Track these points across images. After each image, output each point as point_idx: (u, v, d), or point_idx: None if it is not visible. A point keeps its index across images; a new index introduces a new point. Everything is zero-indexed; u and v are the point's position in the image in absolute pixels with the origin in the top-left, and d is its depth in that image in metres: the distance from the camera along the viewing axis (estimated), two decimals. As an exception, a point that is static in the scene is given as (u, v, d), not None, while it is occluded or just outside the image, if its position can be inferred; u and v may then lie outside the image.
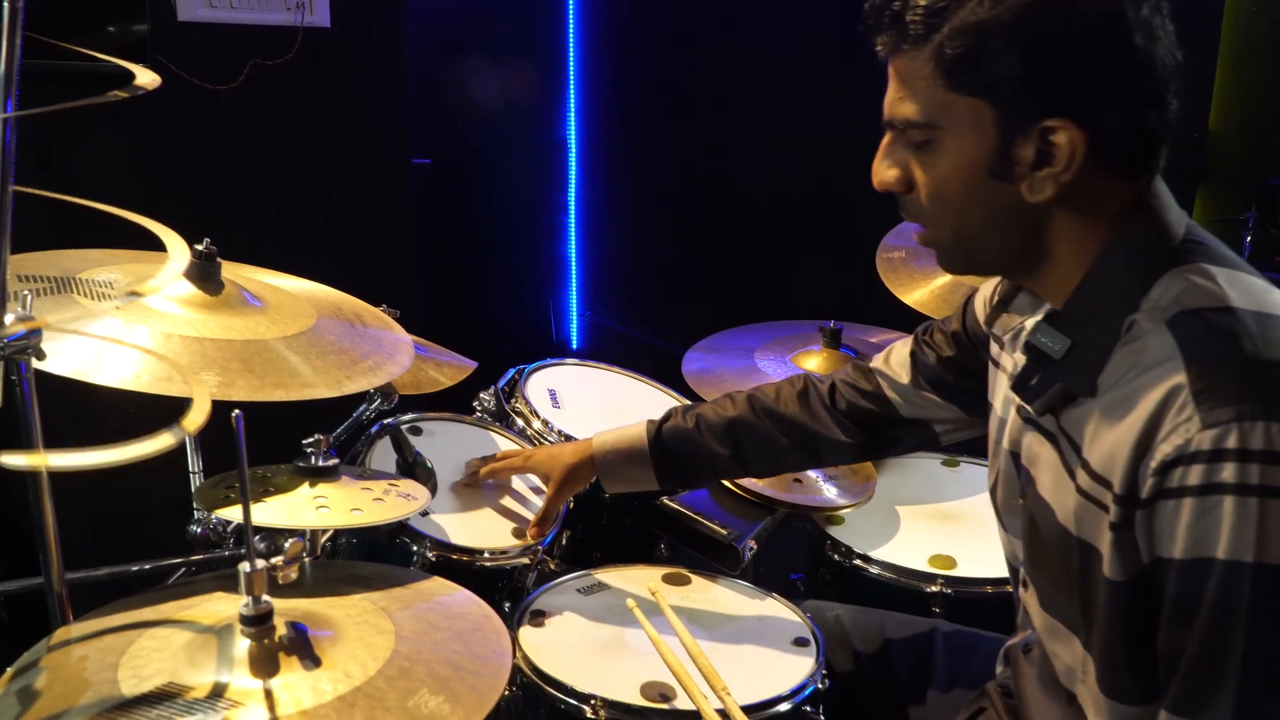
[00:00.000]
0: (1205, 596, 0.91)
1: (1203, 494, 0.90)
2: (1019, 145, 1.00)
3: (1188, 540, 0.91)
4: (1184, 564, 0.92)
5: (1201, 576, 0.91)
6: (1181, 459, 0.91)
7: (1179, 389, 0.93)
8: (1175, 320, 0.97)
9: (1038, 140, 0.99)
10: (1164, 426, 0.93)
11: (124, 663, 0.99)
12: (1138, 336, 0.99)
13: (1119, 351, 1.01)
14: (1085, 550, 1.04)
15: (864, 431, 1.54)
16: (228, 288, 1.42)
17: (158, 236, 1.39)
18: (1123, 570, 0.99)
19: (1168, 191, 1.06)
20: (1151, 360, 0.97)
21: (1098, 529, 1.02)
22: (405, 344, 1.52)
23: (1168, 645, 0.96)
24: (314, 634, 1.02)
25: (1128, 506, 0.97)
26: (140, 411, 1.39)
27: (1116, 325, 1.01)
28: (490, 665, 1.03)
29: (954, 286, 2.13)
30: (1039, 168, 1.00)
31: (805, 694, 1.44)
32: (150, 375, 1.19)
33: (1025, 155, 1.00)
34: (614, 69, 3.99)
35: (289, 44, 2.80)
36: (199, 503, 1.21)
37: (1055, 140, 0.98)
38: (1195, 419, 0.91)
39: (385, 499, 1.24)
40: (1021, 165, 1.01)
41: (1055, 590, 1.11)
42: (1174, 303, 0.98)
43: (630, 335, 4.13)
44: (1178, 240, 1.03)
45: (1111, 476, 0.99)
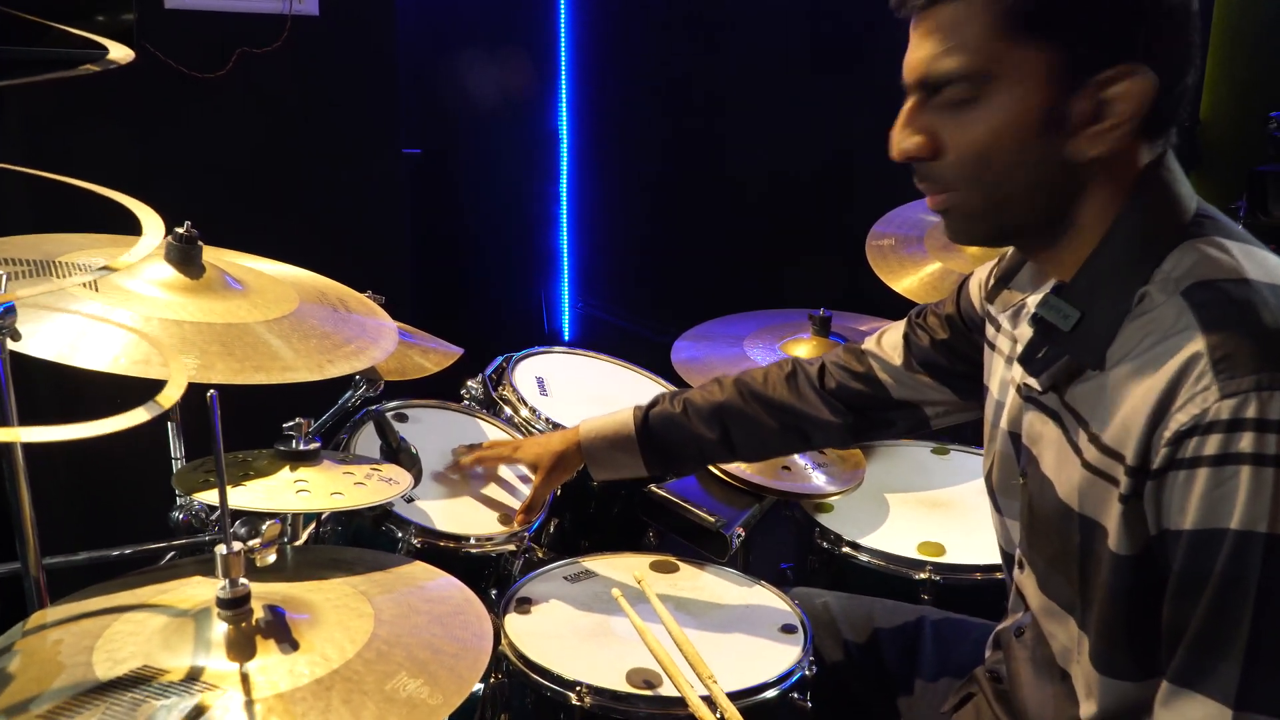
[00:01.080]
0: (1215, 567, 0.89)
1: (1219, 464, 0.89)
2: (1077, 98, 0.96)
3: (1200, 510, 0.90)
4: (1195, 534, 0.90)
5: (1213, 547, 0.89)
6: (1198, 428, 0.90)
7: (1197, 357, 0.92)
8: (1190, 291, 0.96)
9: (1097, 91, 0.96)
10: (1180, 395, 0.92)
11: (99, 646, 0.98)
12: (1149, 309, 0.98)
13: (1129, 324, 0.99)
14: (1088, 526, 1.03)
15: (853, 413, 1.53)
16: (209, 271, 1.40)
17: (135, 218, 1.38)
18: (1129, 544, 0.98)
19: (1178, 165, 1.04)
20: (1166, 330, 0.95)
21: (1104, 504, 1.00)
22: (389, 329, 1.50)
23: (1173, 617, 0.94)
24: (292, 617, 1.01)
25: (1138, 478, 0.96)
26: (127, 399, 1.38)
27: (1127, 298, 0.99)
28: (470, 649, 1.02)
29: (943, 274, 2.12)
30: (1093, 122, 0.97)
31: (792, 680, 1.43)
32: (128, 358, 1.18)
33: (1081, 109, 0.97)
34: (606, 59, 3.98)
35: (277, 32, 2.78)
36: (177, 486, 1.19)
37: (1115, 92, 0.96)
38: (1214, 388, 0.90)
39: (367, 483, 1.23)
40: (1076, 120, 0.97)
41: (1053, 570, 1.10)
42: (1187, 274, 0.97)
43: (622, 326, 4.12)
44: (1190, 214, 1.02)
45: (1124, 449, 0.97)
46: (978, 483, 1.99)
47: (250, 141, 2.83)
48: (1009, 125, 0.98)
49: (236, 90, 2.76)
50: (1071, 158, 0.99)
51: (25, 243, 1.42)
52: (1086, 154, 0.99)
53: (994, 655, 1.32)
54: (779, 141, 3.50)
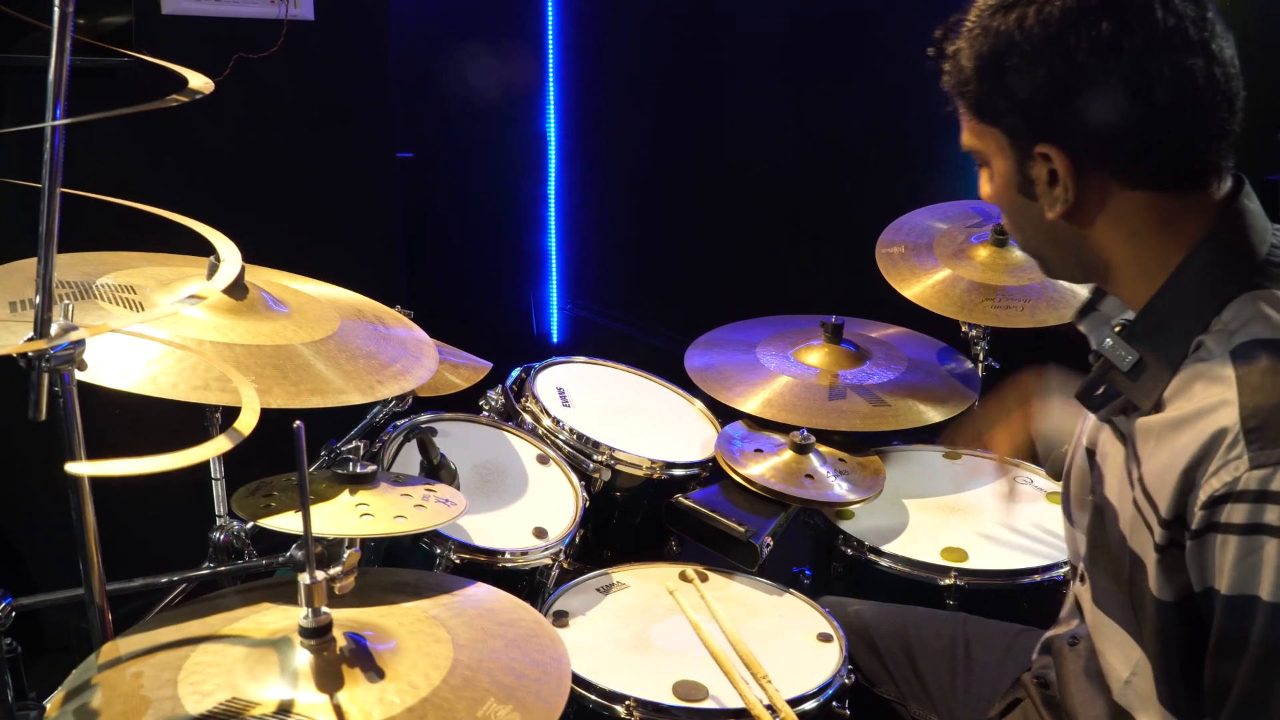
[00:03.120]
0: (1251, 634, 0.92)
1: (1248, 533, 0.91)
2: (1031, 167, 1.06)
3: (1234, 576, 0.93)
4: (1230, 599, 0.93)
5: (1247, 613, 0.92)
6: (1230, 496, 0.92)
7: (1230, 426, 0.94)
8: (1239, 350, 0.97)
9: (1041, 162, 1.05)
10: (1214, 461, 0.94)
11: (182, 679, 0.98)
12: (1204, 359, 1.00)
13: (1184, 370, 1.01)
14: (1134, 560, 1.05)
15: None
16: (251, 292, 1.40)
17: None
18: (1169, 591, 1.00)
19: (1258, 207, 1.05)
20: (1211, 388, 0.97)
21: (1144, 545, 1.03)
22: (429, 346, 1.51)
23: (1214, 676, 0.97)
24: (374, 645, 1.01)
25: (1175, 531, 0.98)
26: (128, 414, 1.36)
27: (1185, 343, 1.02)
28: (551, 672, 1.03)
29: (953, 281, 2.15)
30: (1051, 186, 1.06)
31: (833, 689, 1.46)
32: (186, 384, 1.17)
33: (1039, 175, 1.06)
34: (594, 60, 3.97)
35: (274, 37, 2.75)
36: (240, 511, 1.19)
37: (1051, 164, 1.04)
38: (1244, 458, 0.92)
39: (426, 505, 1.23)
40: (1039, 184, 1.07)
41: (1115, 590, 1.12)
42: (1242, 329, 0.99)
43: (611, 327, 4.12)
44: (1258, 259, 1.03)
45: (1158, 499, 1.00)
46: (993, 487, 2.03)
47: (247, 146, 2.80)
48: (1001, 189, 1.12)
49: (233, 95, 2.72)
50: (1047, 215, 1.07)
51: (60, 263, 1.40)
52: (1053, 210, 1.06)
53: (1041, 660, 1.35)
54: (772, 141, 3.51)
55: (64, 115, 0.94)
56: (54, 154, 0.96)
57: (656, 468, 1.89)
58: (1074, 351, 1.49)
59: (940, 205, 2.38)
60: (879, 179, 3.27)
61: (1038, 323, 2.04)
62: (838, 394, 2.02)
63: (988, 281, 2.11)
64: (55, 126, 0.93)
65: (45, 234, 0.99)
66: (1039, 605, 1.74)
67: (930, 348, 2.23)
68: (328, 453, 1.66)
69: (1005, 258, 2.16)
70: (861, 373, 2.08)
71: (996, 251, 2.16)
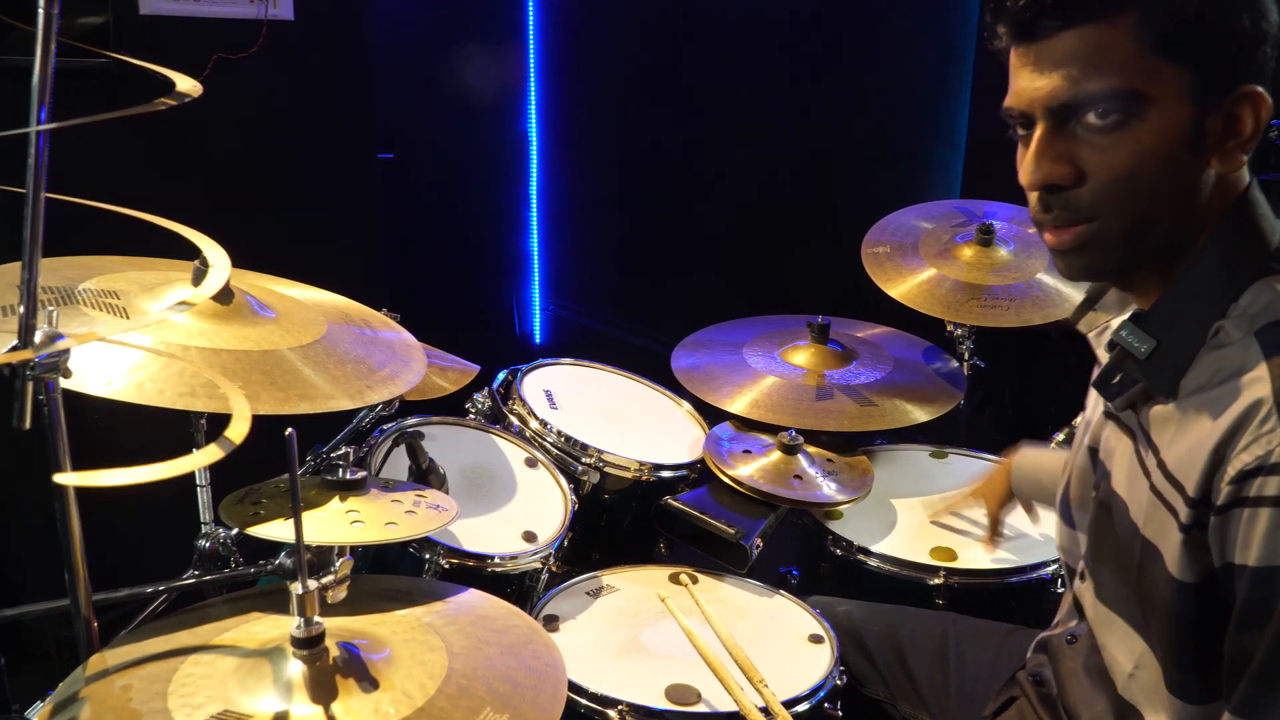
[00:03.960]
0: (1277, 604, 0.93)
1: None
2: (1211, 118, 0.99)
3: (1264, 548, 0.93)
4: (1258, 571, 0.94)
5: (1276, 584, 0.93)
6: (1262, 469, 0.93)
7: (1263, 400, 0.95)
8: (1264, 332, 0.98)
9: (1228, 110, 0.99)
10: (1245, 436, 0.95)
11: (172, 691, 0.96)
12: (1224, 344, 1.01)
13: (1204, 356, 1.02)
14: (1147, 548, 1.06)
15: None
16: (236, 296, 1.38)
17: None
18: (1190, 572, 1.01)
19: (1264, 199, 1.06)
20: (1236, 369, 0.98)
21: (1163, 529, 1.04)
22: (417, 350, 1.49)
23: (1235, 648, 0.98)
24: (367, 655, 1.00)
25: (1201, 510, 0.99)
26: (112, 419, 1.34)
27: (1204, 329, 1.02)
28: (547, 679, 1.02)
29: (938, 280, 2.15)
30: (1224, 141, 1.00)
31: (825, 690, 1.46)
32: (173, 391, 1.16)
33: (1214, 127, 0.99)
34: (576, 60, 3.96)
35: (253, 37, 2.72)
36: (228, 520, 1.17)
37: (1241, 112, 0.99)
38: (1278, 431, 0.93)
39: (417, 511, 1.22)
40: (1212, 136, 1.00)
41: (1119, 584, 1.13)
42: (1264, 311, 1.00)
43: (595, 328, 4.11)
44: (1271, 248, 1.04)
45: (1185, 480, 1.00)
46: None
47: (225, 147, 2.78)
48: (1158, 145, 0.99)
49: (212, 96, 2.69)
50: (1204, 178, 1.02)
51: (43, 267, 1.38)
52: (1233, 164, 1.01)
53: (1036, 659, 1.35)
54: (757, 141, 3.51)
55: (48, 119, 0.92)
56: (38, 159, 0.95)
57: (645, 470, 1.89)
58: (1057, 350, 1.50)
59: (925, 205, 2.39)
60: (864, 179, 3.27)
61: (1023, 321, 2.04)
62: (825, 394, 2.02)
63: (973, 281, 2.12)
64: (39, 131, 0.92)
65: (30, 241, 0.97)
66: (1028, 604, 1.75)
67: (916, 347, 2.23)
68: (314, 458, 1.64)
69: (990, 257, 2.17)
70: (848, 373, 2.08)
71: (981, 251, 2.17)
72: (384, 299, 1.72)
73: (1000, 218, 2.24)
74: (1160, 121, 0.98)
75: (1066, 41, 0.99)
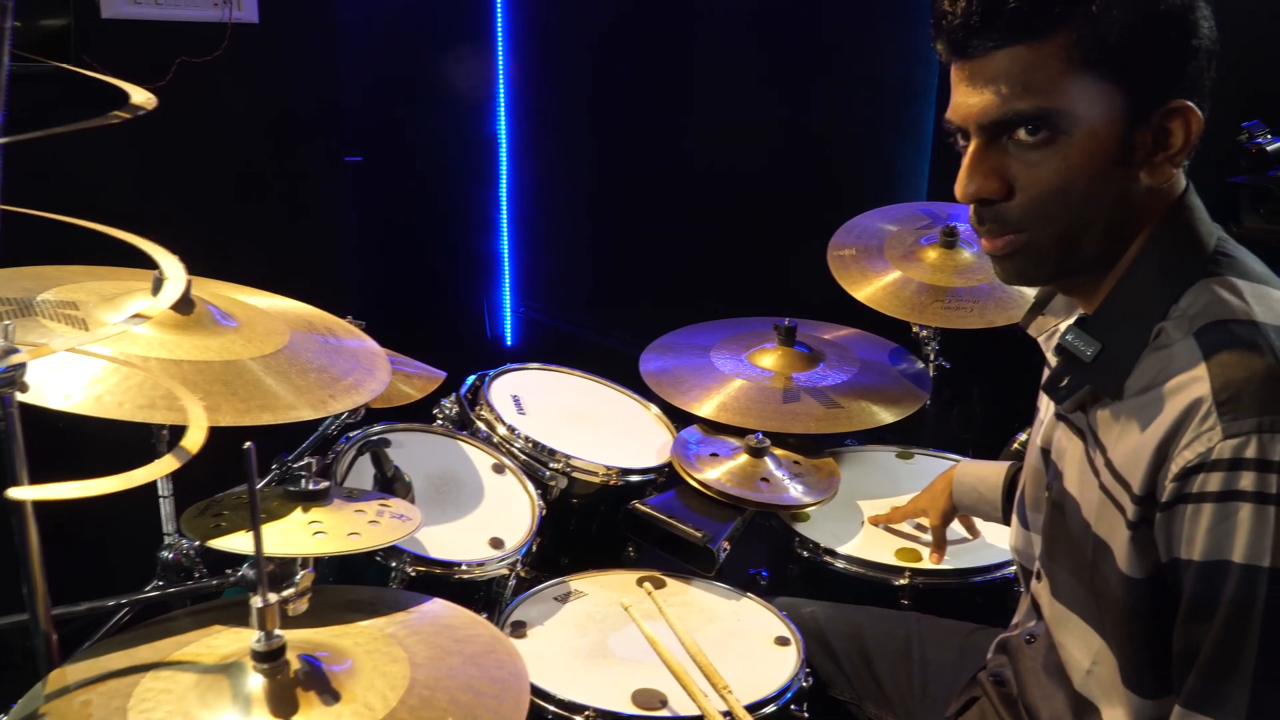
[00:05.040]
0: (1222, 597, 0.95)
1: (1222, 500, 0.94)
2: (1139, 131, 1.01)
3: (1207, 543, 0.96)
4: (1202, 565, 0.96)
5: (1219, 578, 0.95)
6: (1203, 466, 0.96)
7: (1202, 399, 0.97)
8: (1202, 332, 1.01)
9: (1157, 124, 1.01)
10: (1186, 434, 0.97)
11: (132, 707, 0.96)
12: (1165, 344, 1.03)
13: (1147, 357, 1.05)
14: (1099, 546, 1.08)
15: None
16: (198, 306, 1.37)
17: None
18: (1140, 568, 1.03)
19: (1200, 202, 1.09)
20: (1177, 369, 1.01)
21: (1112, 527, 1.06)
22: (381, 358, 1.49)
23: (1184, 642, 1.00)
24: (328, 667, 1.00)
25: (1146, 507, 1.01)
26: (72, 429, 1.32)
27: (1145, 331, 1.05)
28: (510, 689, 1.02)
29: (903, 283, 2.17)
30: (1153, 154, 1.03)
31: (791, 692, 1.47)
32: (132, 403, 1.15)
33: (1143, 141, 1.02)
34: (545, 62, 3.95)
35: (217, 41, 2.70)
36: (189, 532, 1.17)
37: (1170, 125, 1.01)
38: (1217, 429, 0.95)
39: (380, 521, 1.22)
40: (1140, 150, 1.02)
41: (1075, 582, 1.15)
42: (1202, 313, 1.02)
43: (566, 330, 4.11)
44: (1208, 251, 1.07)
45: (1130, 478, 1.03)
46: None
47: (191, 152, 2.76)
48: (1086, 161, 1.01)
49: (176, 101, 2.67)
50: (1134, 190, 1.04)
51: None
52: (1161, 177, 1.04)
53: (997, 659, 1.37)
54: (725, 144, 3.51)
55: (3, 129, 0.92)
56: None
57: (613, 474, 1.89)
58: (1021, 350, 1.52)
59: (890, 207, 2.40)
60: (831, 182, 3.29)
61: (987, 323, 2.06)
62: (792, 396, 2.03)
63: (937, 283, 2.13)
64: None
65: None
66: (993, 603, 1.76)
67: (882, 349, 2.25)
68: (279, 467, 1.64)
69: (954, 259, 2.18)
70: (815, 375, 2.09)
71: (946, 253, 2.19)
72: (353, 304, 1.72)
73: (964, 220, 2.26)
74: (1088, 138, 1.01)
75: (997, 61, 1.02)
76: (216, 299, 1.44)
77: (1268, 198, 1.59)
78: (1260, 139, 1.59)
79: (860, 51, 3.23)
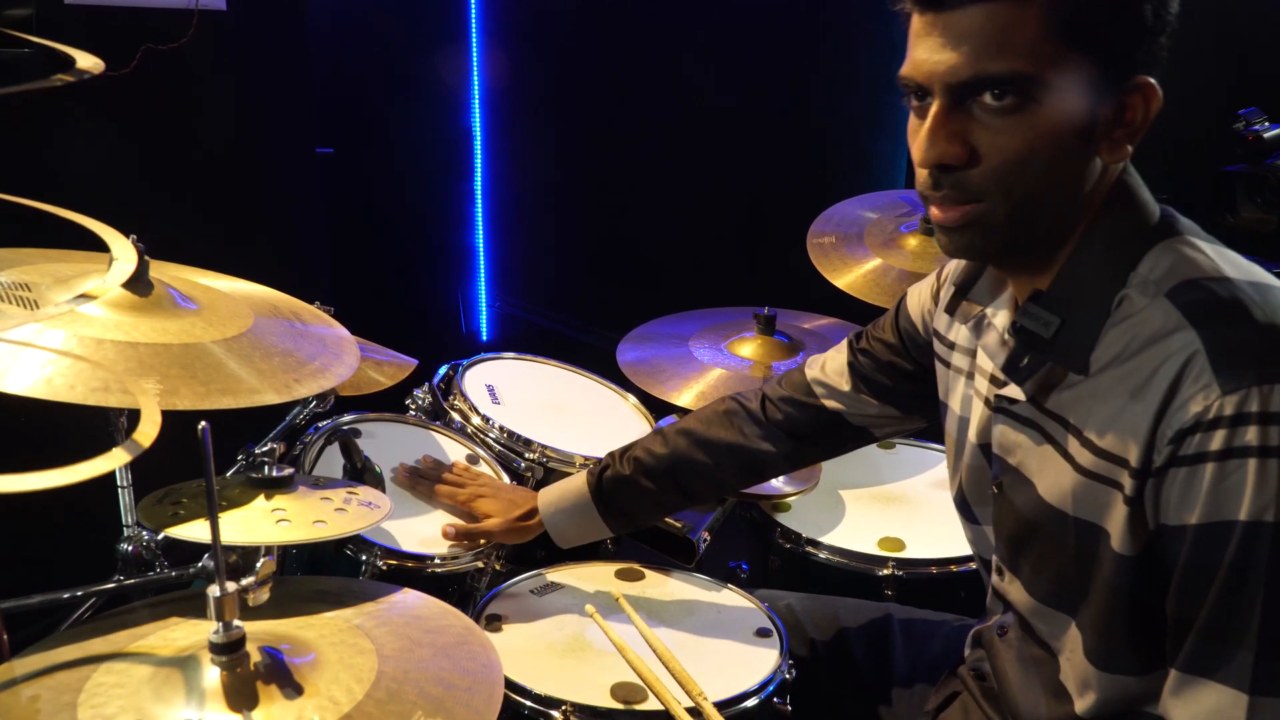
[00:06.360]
0: (1224, 558, 0.91)
1: (1224, 458, 0.91)
2: (1103, 107, 0.98)
3: (1207, 504, 0.92)
4: (1202, 528, 0.93)
5: (1221, 539, 0.91)
6: (1201, 425, 0.92)
7: (1195, 356, 0.94)
8: (1175, 292, 0.98)
9: (1121, 97, 0.98)
10: (1180, 394, 0.94)
11: (82, 702, 0.91)
12: (1131, 312, 1.00)
13: (1112, 329, 1.01)
14: (1086, 530, 1.04)
15: (799, 440, 1.54)
16: (156, 288, 1.32)
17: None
18: (1133, 545, 1.00)
19: (1140, 178, 1.07)
20: (1155, 332, 0.97)
21: (1105, 508, 1.02)
22: (349, 343, 1.44)
23: (1180, 608, 0.96)
24: (290, 659, 0.96)
25: (1143, 479, 0.97)
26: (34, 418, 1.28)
27: (1106, 302, 1.02)
28: (482, 680, 0.98)
29: (884, 270, 2.15)
30: (1114, 128, 1.00)
31: (774, 685, 1.43)
32: (84, 386, 1.10)
33: (1105, 115, 0.99)
34: (520, 54, 3.91)
35: (184, 28, 2.65)
36: (145, 521, 1.12)
37: (1131, 101, 0.99)
38: (1214, 385, 0.92)
39: (347, 509, 1.17)
40: (1102, 126, 0.99)
41: (1042, 573, 1.12)
42: (1168, 275, 0.99)
43: (542, 325, 4.07)
44: (1155, 216, 1.05)
45: (1126, 453, 0.99)
46: (928, 475, 2.03)
47: (156, 142, 2.70)
48: (1051, 132, 0.97)
49: (141, 89, 2.62)
50: (1090, 168, 1.02)
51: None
52: (1118, 154, 1.01)
53: (975, 654, 1.34)
54: (701, 135, 3.49)
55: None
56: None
57: (590, 465, 1.85)
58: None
59: (870, 195, 2.38)
60: (808, 172, 3.27)
61: (969, 310, 2.04)
62: (772, 386, 1.99)
63: (918, 270, 2.11)
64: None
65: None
66: (977, 593, 1.73)
67: (863, 338, 2.21)
68: (246, 456, 1.58)
69: (934, 246, 2.14)
70: (795, 364, 2.05)
71: (926, 240, 2.17)
72: (328, 298, 1.67)
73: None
74: (1056, 108, 0.97)
75: (973, 16, 0.96)
76: (177, 282, 1.39)
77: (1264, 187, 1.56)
78: (1257, 125, 1.56)
79: (837, 42, 3.21)
